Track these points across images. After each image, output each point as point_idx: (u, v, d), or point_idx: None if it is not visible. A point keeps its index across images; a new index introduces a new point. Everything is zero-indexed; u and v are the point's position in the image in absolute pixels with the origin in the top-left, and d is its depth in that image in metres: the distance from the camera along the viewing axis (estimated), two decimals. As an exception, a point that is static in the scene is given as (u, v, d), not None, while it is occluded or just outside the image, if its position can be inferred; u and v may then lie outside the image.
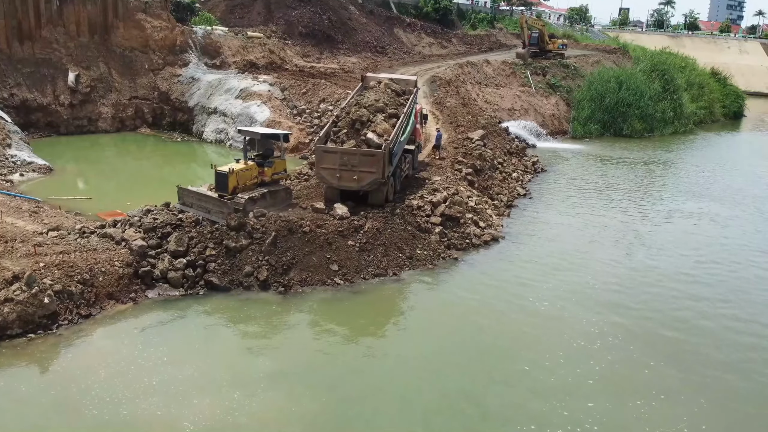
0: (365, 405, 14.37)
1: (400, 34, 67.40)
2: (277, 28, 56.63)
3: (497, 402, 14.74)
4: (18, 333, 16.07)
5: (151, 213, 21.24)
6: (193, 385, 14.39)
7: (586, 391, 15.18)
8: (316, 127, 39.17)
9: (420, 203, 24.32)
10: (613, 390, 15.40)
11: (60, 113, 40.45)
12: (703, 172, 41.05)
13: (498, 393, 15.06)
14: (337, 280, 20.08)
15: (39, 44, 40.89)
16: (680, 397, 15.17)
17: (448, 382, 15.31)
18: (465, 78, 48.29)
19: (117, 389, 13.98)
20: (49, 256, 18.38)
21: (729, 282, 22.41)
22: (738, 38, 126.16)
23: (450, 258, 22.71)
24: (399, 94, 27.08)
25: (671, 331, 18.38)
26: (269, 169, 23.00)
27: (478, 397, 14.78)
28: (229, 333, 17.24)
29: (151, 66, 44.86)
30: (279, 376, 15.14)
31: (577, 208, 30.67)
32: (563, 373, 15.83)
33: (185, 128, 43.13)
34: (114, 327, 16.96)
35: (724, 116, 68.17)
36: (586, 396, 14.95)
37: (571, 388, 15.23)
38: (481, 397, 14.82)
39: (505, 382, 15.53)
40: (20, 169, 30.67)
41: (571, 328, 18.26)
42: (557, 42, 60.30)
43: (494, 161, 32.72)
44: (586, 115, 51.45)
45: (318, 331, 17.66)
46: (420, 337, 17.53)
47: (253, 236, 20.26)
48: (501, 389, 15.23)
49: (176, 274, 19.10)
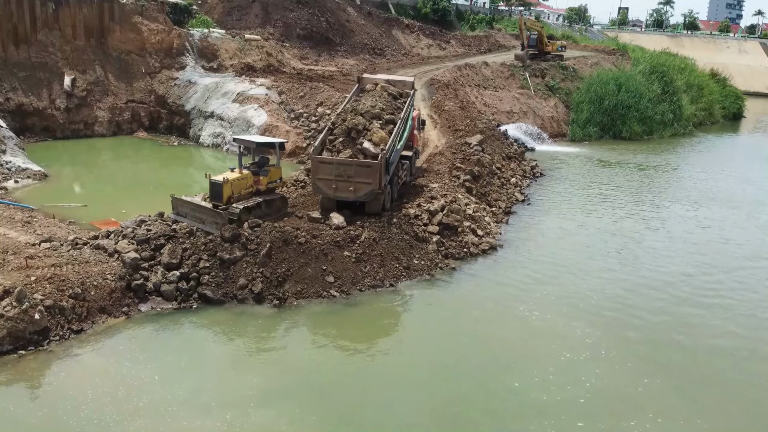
0: (361, 424, 14.12)
1: (398, 36, 67.15)
2: (275, 31, 56.37)
3: (488, 420, 14.45)
4: (8, 350, 15.80)
5: (144, 224, 20.96)
6: (183, 405, 14.10)
7: (578, 410, 14.83)
8: (313, 131, 38.87)
9: (417, 212, 24.06)
10: (607, 409, 15.04)
11: (56, 117, 40.14)
12: (702, 176, 40.74)
13: (486, 410, 14.76)
14: (332, 292, 19.79)
15: (35, 48, 40.54)
16: (678, 418, 14.67)
17: (438, 400, 15.03)
18: (463, 80, 48.02)
19: (106, 410, 13.71)
20: (40, 269, 18.13)
21: (731, 293, 21.88)
22: (737, 38, 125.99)
23: (447, 268, 22.44)
24: (396, 97, 26.74)
25: (669, 346, 18.00)
26: (264, 177, 22.71)
27: (467, 417, 14.47)
28: (222, 349, 16.94)
29: (147, 69, 44.58)
30: (272, 395, 14.87)
31: (575, 213, 30.41)
32: (554, 389, 15.49)
33: (182, 132, 42.82)
34: (105, 343, 16.68)
35: (723, 117, 67.92)
36: (578, 415, 14.61)
37: (562, 406, 14.89)
38: (471, 416, 14.51)
39: (496, 397, 15.25)
40: (15, 176, 30.34)
41: (566, 341, 17.95)
42: (556, 44, 60.11)
43: (492, 166, 32.45)
44: (584, 118, 51.17)
45: (313, 347, 17.39)
46: (415, 353, 17.26)
47: (247, 248, 19.99)
48: (490, 406, 14.93)
49: (169, 287, 18.82)
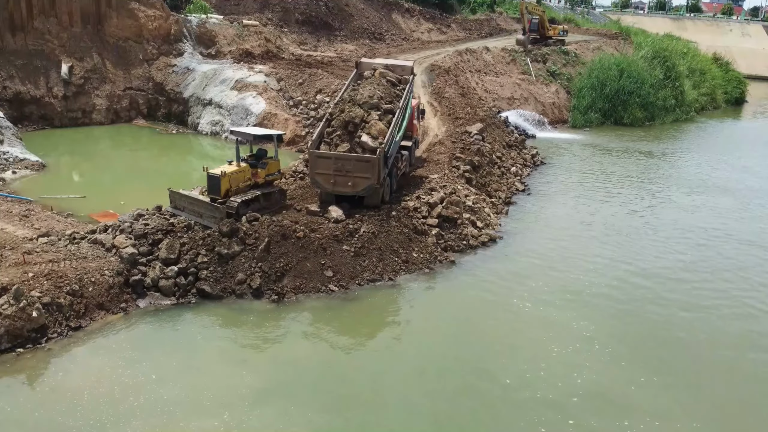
0: (360, 422, 14.10)
1: (398, 20, 66.54)
2: (273, 16, 55.89)
3: (483, 417, 14.44)
4: (6, 348, 15.79)
5: (142, 218, 20.81)
6: (180, 405, 14.07)
7: (571, 408, 14.77)
8: (312, 119, 38.69)
9: (416, 204, 23.90)
10: (601, 408, 14.91)
11: (54, 106, 39.95)
12: (705, 164, 40.51)
13: (482, 407, 14.74)
14: (331, 287, 19.73)
15: (31, 35, 40.25)
16: (674, 420, 14.43)
17: (437, 396, 15.00)
18: (464, 66, 47.61)
19: (102, 410, 13.69)
20: (38, 265, 18.03)
21: (738, 287, 21.59)
22: (740, 21, 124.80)
23: (447, 261, 22.32)
24: (394, 84, 26.35)
25: (668, 343, 17.85)
26: (263, 170, 22.53)
27: (465, 414, 14.43)
28: (220, 346, 16.86)
29: (145, 56, 44.27)
30: (270, 393, 14.83)
31: (576, 203, 30.25)
32: (548, 386, 15.40)
33: (180, 120, 42.60)
34: (103, 340, 16.65)
35: (725, 103, 67.40)
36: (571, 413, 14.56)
37: (554, 402, 14.84)
38: (468, 413, 14.48)
39: (492, 394, 15.21)
40: (12, 167, 30.18)
41: (563, 334, 17.88)
42: (558, 28, 59.42)
43: (493, 155, 32.24)
44: (586, 104, 50.75)
45: (311, 343, 17.32)
46: (414, 348, 17.20)
47: (245, 242, 19.89)
48: (486, 403, 14.90)
49: (167, 282, 18.76)
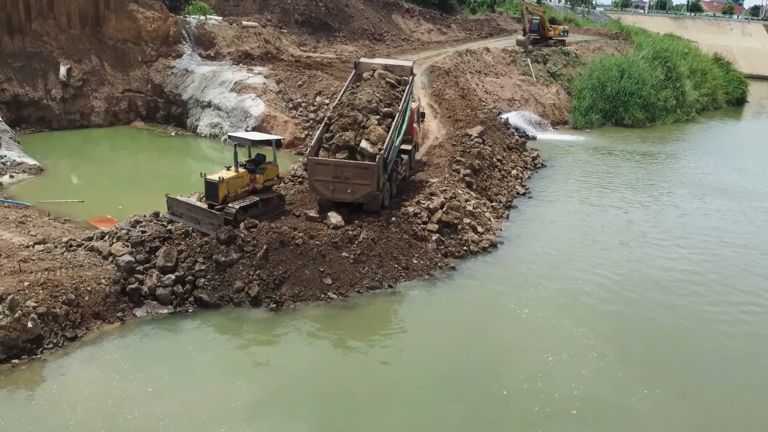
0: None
1: (398, 21, 66.26)
2: (272, 17, 55.61)
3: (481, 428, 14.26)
4: (1, 359, 15.59)
5: (139, 224, 20.62)
6: (175, 418, 13.86)
7: (571, 417, 14.61)
8: (312, 121, 38.48)
9: (416, 210, 23.69)
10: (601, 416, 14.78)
11: (52, 108, 39.73)
12: (708, 164, 40.28)
13: (478, 417, 14.58)
14: (330, 295, 19.53)
15: (29, 37, 40.03)
16: (674, 429, 14.28)
17: (436, 407, 14.86)
18: (464, 67, 47.39)
19: (96, 424, 13.50)
20: (34, 273, 17.85)
21: (743, 295, 21.32)
22: (741, 20, 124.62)
23: (447, 267, 22.11)
24: (394, 85, 26.06)
25: (670, 352, 17.66)
26: (261, 176, 22.31)
27: (463, 424, 14.26)
28: (217, 357, 16.66)
29: (144, 58, 44.02)
30: (268, 405, 14.64)
31: (577, 206, 30.03)
32: (543, 396, 15.24)
33: (179, 122, 42.35)
34: (99, 350, 16.43)
35: (726, 103, 67.18)
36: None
37: (553, 412, 14.68)
38: (467, 423, 14.31)
39: (490, 404, 15.06)
40: (10, 171, 29.96)
41: (564, 342, 17.69)
42: (558, 28, 59.23)
43: (493, 159, 32.05)
44: (587, 105, 50.49)
45: (310, 352, 17.13)
46: (413, 357, 17.00)
47: (243, 249, 19.68)
48: (483, 412, 14.73)
49: (165, 290, 18.56)
